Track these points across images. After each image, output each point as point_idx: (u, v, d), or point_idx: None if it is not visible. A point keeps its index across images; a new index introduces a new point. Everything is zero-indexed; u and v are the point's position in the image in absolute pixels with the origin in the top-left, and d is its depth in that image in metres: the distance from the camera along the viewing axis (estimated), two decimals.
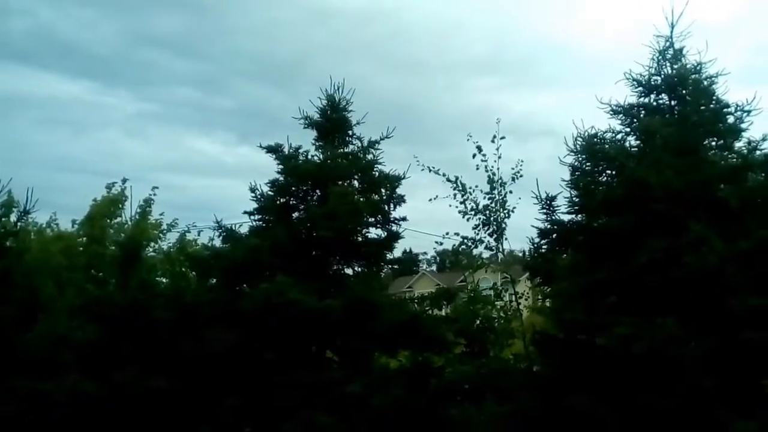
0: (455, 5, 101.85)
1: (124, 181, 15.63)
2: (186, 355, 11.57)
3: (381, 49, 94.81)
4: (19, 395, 11.29)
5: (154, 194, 15.33)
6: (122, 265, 12.44)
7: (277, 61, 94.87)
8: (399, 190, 13.10)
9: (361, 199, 12.93)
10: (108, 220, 15.45)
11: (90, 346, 11.63)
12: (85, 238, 15.15)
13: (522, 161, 13.56)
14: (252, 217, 13.11)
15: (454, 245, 13.90)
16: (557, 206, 11.38)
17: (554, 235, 11.40)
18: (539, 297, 12.73)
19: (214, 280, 12.93)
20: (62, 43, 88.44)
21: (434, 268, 65.14)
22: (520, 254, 12.42)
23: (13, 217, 14.47)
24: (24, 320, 12.84)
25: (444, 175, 13.56)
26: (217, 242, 12.93)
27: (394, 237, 13.14)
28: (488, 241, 13.40)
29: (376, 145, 13.44)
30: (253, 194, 13.02)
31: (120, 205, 15.48)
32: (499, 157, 13.59)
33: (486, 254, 13.65)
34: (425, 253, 71.29)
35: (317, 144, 13.46)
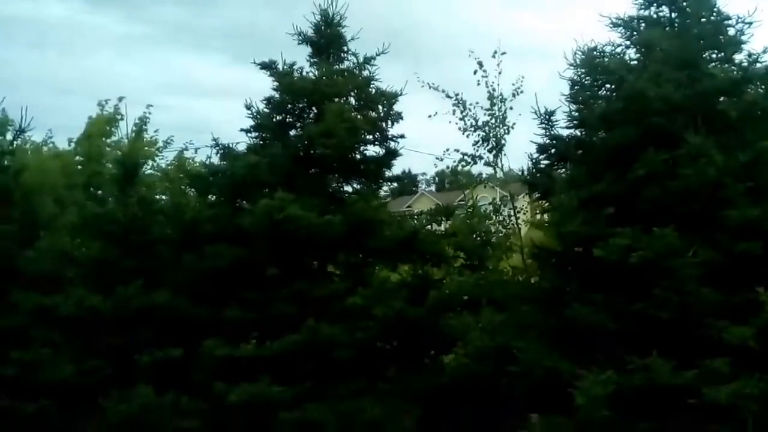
0: None
1: (120, 99, 15.50)
2: (188, 271, 11.76)
3: None
4: (23, 309, 11.50)
5: (149, 113, 15.24)
6: (121, 183, 12.43)
7: None
8: (396, 108, 13.00)
9: (358, 117, 12.83)
10: (104, 139, 15.37)
11: (94, 263, 11.77)
12: (82, 157, 15.10)
13: (523, 77, 13.45)
14: (249, 135, 13.04)
15: (453, 162, 13.92)
16: (556, 121, 11.37)
17: (553, 150, 11.43)
18: (538, 212, 12.84)
19: (214, 197, 12.98)
20: None
21: (433, 188, 65.12)
22: (519, 172, 12.46)
23: (9, 136, 14.44)
24: (25, 238, 12.94)
25: (443, 91, 13.45)
26: (215, 160, 12.89)
27: (393, 154, 13.11)
28: (487, 157, 13.43)
29: (372, 61, 13.21)
30: (249, 111, 12.88)
31: (116, 124, 15.39)
32: (500, 73, 13.47)
33: (485, 171, 13.71)
34: (424, 173, 71.32)
35: (312, 60, 13.25)
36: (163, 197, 14.01)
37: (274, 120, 13.01)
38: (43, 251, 12.28)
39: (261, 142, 12.99)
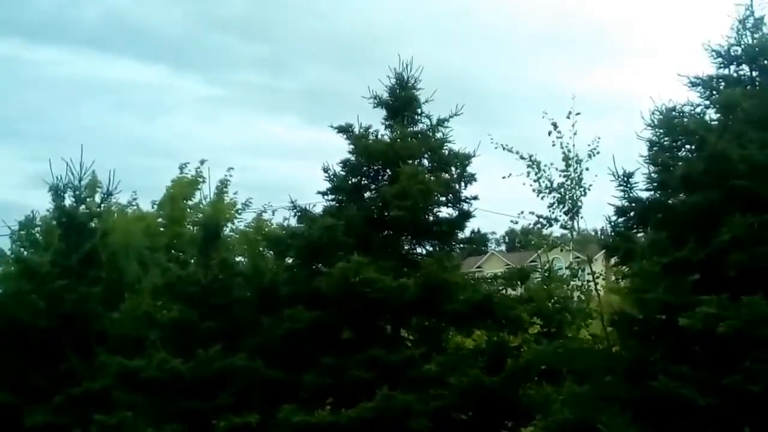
0: None
1: (202, 162, 16.06)
2: (266, 333, 11.93)
3: (445, 27, 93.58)
4: (109, 371, 11.86)
5: (230, 176, 15.72)
6: (203, 245, 12.81)
7: (342, 42, 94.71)
8: (469, 169, 13.06)
9: (432, 178, 12.95)
10: (186, 201, 15.91)
11: (174, 325, 12.08)
12: (165, 219, 15.65)
13: (599, 138, 13.29)
14: (325, 197, 13.30)
15: (529, 224, 13.76)
16: (635, 183, 11.13)
17: (632, 213, 11.18)
18: (616, 276, 12.51)
19: (291, 260, 13.21)
20: (134, 28, 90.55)
21: (504, 247, 64.56)
22: (595, 233, 12.23)
23: (97, 198, 15.13)
24: (110, 299, 13.44)
25: (517, 152, 13.41)
26: (292, 222, 13.17)
27: (466, 216, 13.14)
28: (564, 219, 13.24)
29: (445, 123, 13.39)
30: (325, 174, 13.18)
31: (197, 186, 15.93)
32: (575, 134, 13.35)
33: (560, 233, 13.48)
34: (494, 232, 70.73)
35: (387, 123, 13.49)
36: (242, 259, 14.35)
37: (350, 182, 13.24)
38: (126, 313, 12.69)
39: (337, 204, 13.21)
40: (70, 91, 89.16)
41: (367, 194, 13.25)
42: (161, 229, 15.53)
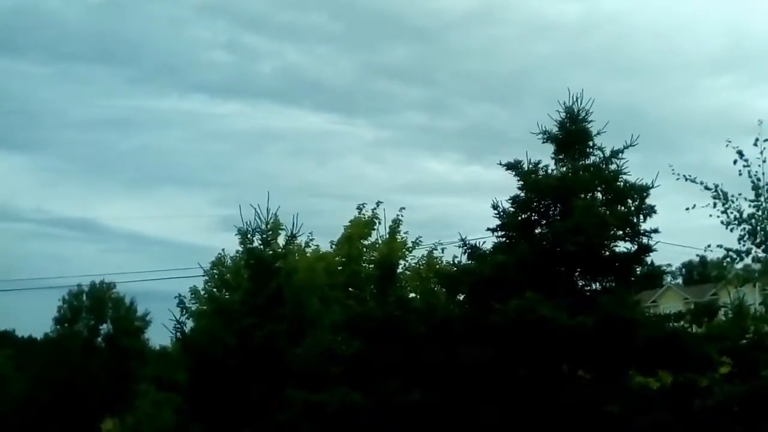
0: (683, 3, 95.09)
1: (378, 203, 16.72)
2: (441, 369, 12.07)
3: (605, 56, 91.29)
4: (294, 405, 12.46)
5: (402, 215, 16.21)
6: (379, 283, 13.27)
7: (500, 79, 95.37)
8: (648, 201, 12.59)
9: (607, 212, 12.62)
10: (362, 240, 16.58)
11: (355, 360, 12.52)
12: (343, 258, 16.39)
13: None
14: (495, 233, 13.34)
15: (717, 258, 12.96)
16: None
17: None
18: None
19: (463, 296, 13.32)
20: (306, 80, 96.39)
21: (680, 280, 60.86)
22: None
23: (280, 240, 16.13)
24: (294, 335, 14.17)
25: (701, 183, 12.73)
26: (462, 258, 13.33)
27: (645, 250, 12.63)
28: (756, 252, 12.36)
29: (619, 154, 13.05)
30: (495, 211, 13.24)
31: (373, 227, 16.56)
32: (764, 161, 12.49)
33: (755, 266, 12.57)
34: (669, 264, 66.70)
35: (557, 157, 13.36)
36: (415, 295, 14.67)
37: (520, 218, 13.20)
38: (309, 348, 13.32)
39: (507, 241, 13.21)
40: (250, 140, 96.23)
41: (537, 230, 13.14)
42: (339, 267, 16.27)
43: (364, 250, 16.52)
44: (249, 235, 15.56)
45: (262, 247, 15.46)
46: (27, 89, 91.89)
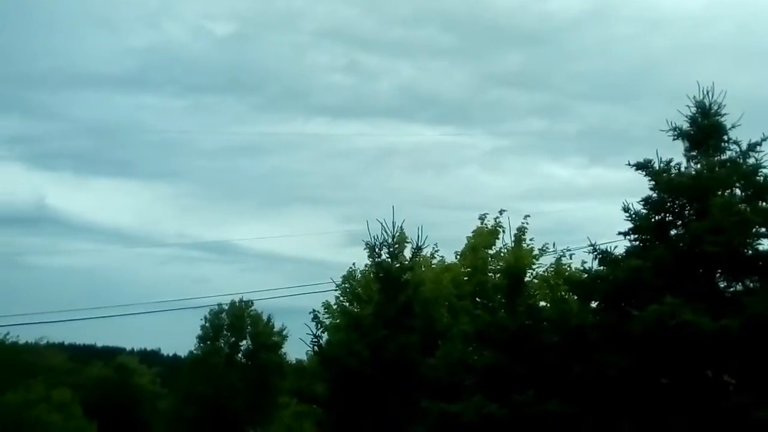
0: None
1: (501, 212, 16.63)
2: (577, 379, 11.84)
3: (728, 46, 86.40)
4: (430, 416, 12.60)
5: (527, 222, 16.03)
6: (508, 292, 13.20)
7: (618, 78, 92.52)
8: None
9: (747, 209, 12.00)
10: (486, 250, 16.53)
11: (487, 370, 12.50)
12: (468, 268, 16.41)
13: None
14: (627, 237, 12.97)
15: None
16: None
17: None
18: None
19: (596, 303, 13.01)
20: (422, 95, 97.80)
21: None
22: None
23: (407, 253, 16.35)
24: (425, 346, 14.32)
25: None
26: (591, 264, 13.02)
27: None
28: None
29: (757, 147, 12.40)
30: (626, 213, 12.88)
31: (497, 236, 16.48)
32: None
33: None
34: None
35: (689, 154, 12.86)
36: (545, 304, 14.45)
37: (653, 220, 12.77)
38: (441, 359, 13.42)
39: (641, 244, 12.81)
40: (371, 158, 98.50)
41: (673, 231, 12.67)
42: (465, 278, 16.30)
43: (490, 259, 16.46)
44: (377, 249, 15.88)
45: (389, 260, 15.75)
46: (163, 122, 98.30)
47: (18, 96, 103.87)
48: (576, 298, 13.50)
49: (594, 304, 13.21)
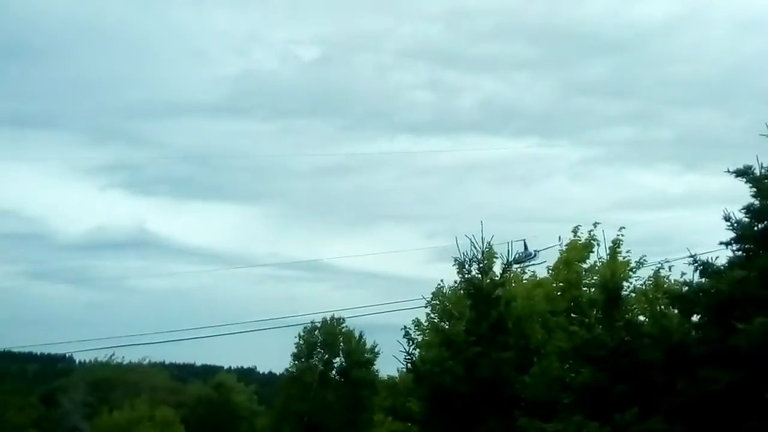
0: None
1: (595, 224, 16.25)
2: (680, 396, 11.42)
3: None
4: None
5: (622, 234, 15.60)
6: (605, 307, 12.85)
7: (710, 83, 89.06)
8: None
9: None
10: (580, 264, 16.17)
11: (586, 388, 12.20)
12: (561, 283, 16.08)
13: None
14: (729, 247, 12.46)
15: None
16: None
17: None
18: None
19: (698, 317, 12.53)
20: (505, 108, 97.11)
21: None
22: None
23: (497, 269, 16.18)
24: (520, 364, 14.12)
25: None
26: (692, 276, 12.54)
27: None
28: None
29: None
30: (727, 223, 12.38)
31: (591, 249, 16.10)
32: None
33: None
34: None
35: None
36: (643, 318, 14.01)
37: (756, 228, 12.23)
38: (537, 377, 13.20)
39: (744, 254, 12.28)
40: (456, 173, 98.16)
41: None
42: (558, 293, 15.98)
43: (584, 273, 16.09)
44: (466, 265, 15.80)
45: (480, 276, 15.62)
46: (254, 146, 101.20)
47: (118, 126, 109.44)
48: (677, 312, 13.01)
49: (696, 318, 12.73)
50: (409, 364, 16.08)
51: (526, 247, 17.24)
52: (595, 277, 15.64)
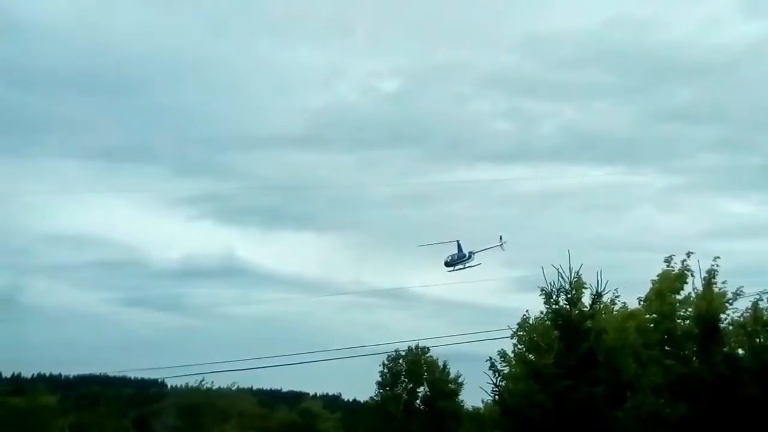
0: None
1: (689, 254, 15.72)
2: None
3: None
4: None
5: (717, 265, 15.01)
6: (702, 340, 12.39)
7: None
8: None
9: None
10: (673, 295, 15.63)
11: (683, 423, 11.78)
12: (654, 314, 15.56)
13: None
14: None
15: None
16: None
17: None
18: None
19: None
20: (586, 136, 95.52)
21: None
22: None
23: (585, 300, 15.80)
24: (612, 398, 13.72)
25: None
26: None
27: None
28: None
29: None
30: None
31: (684, 280, 15.55)
32: None
33: None
34: None
35: None
36: (742, 352, 13.40)
37: None
38: (630, 411, 12.80)
39: None
40: (536, 201, 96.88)
41: None
42: (651, 325, 15.47)
43: (678, 305, 15.53)
44: (553, 296, 15.54)
45: (568, 307, 15.33)
46: (336, 177, 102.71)
47: (207, 158, 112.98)
48: None
49: None
50: (496, 396, 15.86)
51: (460, 249, 16.91)
52: (689, 309, 15.07)
